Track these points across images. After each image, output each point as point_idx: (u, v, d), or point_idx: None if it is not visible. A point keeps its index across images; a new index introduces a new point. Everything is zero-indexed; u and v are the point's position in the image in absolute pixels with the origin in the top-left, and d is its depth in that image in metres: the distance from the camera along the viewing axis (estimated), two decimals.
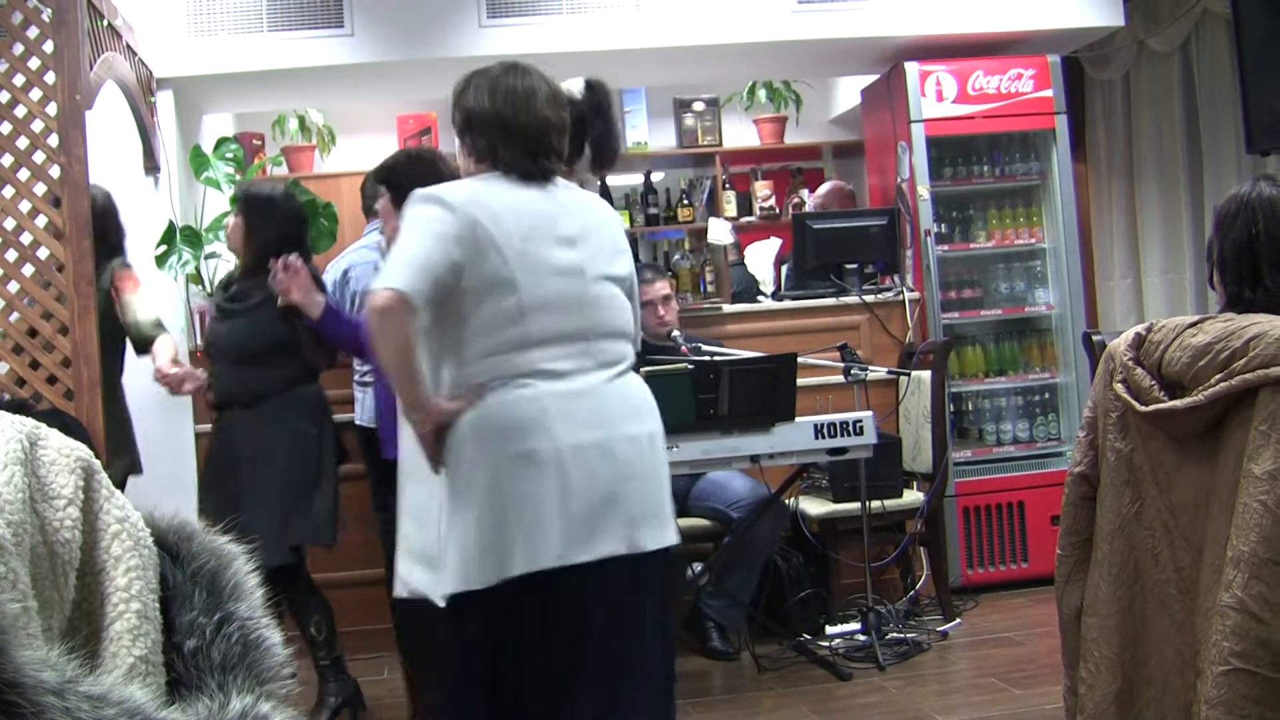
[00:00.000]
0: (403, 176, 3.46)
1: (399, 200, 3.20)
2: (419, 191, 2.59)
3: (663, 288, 4.96)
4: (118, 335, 4.09)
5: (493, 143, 2.64)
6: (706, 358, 4.47)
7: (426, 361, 2.58)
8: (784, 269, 6.49)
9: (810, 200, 6.89)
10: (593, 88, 2.88)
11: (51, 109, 3.74)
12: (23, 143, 3.75)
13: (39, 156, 3.75)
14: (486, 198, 2.56)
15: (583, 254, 2.62)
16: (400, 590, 2.65)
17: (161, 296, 4.78)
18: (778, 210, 7.58)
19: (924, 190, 5.59)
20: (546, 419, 2.48)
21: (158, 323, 4.09)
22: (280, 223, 4.08)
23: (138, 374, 4.67)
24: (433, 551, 2.54)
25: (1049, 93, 5.68)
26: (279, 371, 4.03)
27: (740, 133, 7.72)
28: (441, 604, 2.50)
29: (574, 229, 2.64)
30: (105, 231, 4.01)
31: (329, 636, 4.08)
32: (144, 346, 4.08)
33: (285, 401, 4.04)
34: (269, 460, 3.96)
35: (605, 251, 2.69)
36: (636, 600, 2.59)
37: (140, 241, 4.79)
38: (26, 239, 3.74)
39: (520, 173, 2.62)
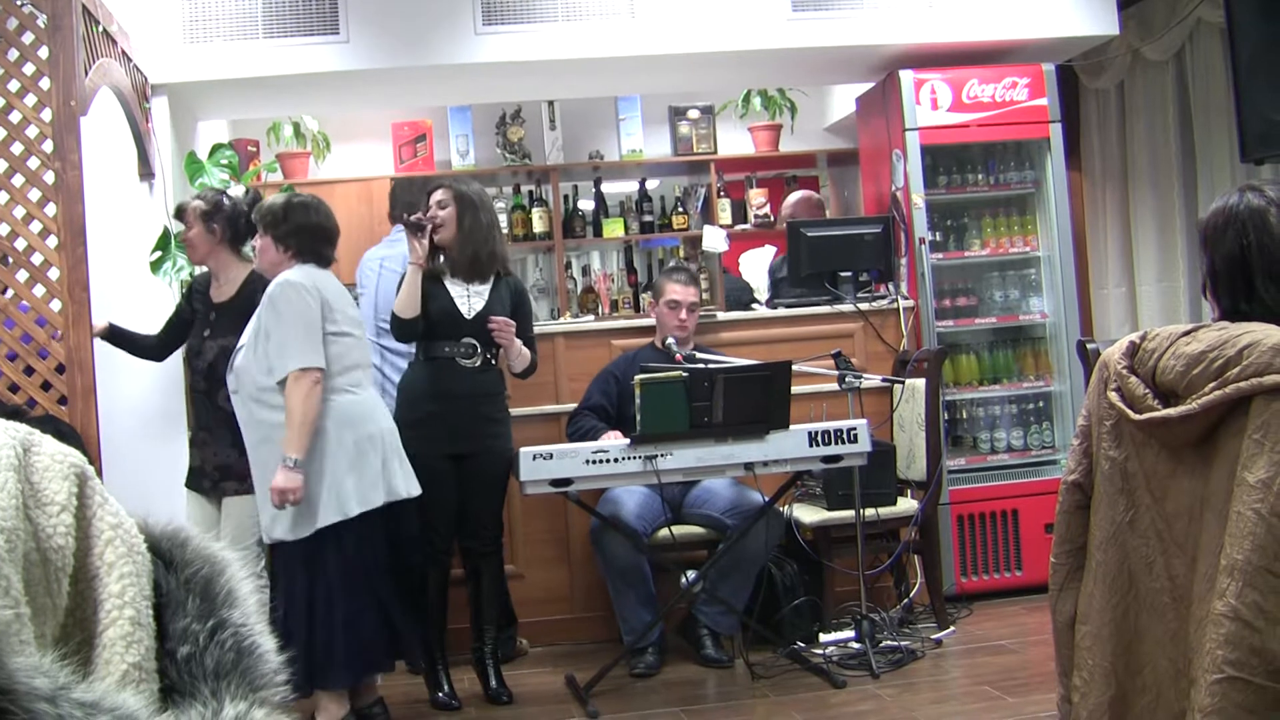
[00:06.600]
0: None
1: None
2: (289, 282, 3.91)
3: (693, 294, 5.01)
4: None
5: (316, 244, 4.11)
6: (701, 365, 4.47)
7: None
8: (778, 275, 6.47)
9: (783, 210, 6.88)
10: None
11: (46, 115, 3.74)
12: (17, 148, 3.75)
13: (34, 162, 3.75)
14: (321, 281, 4.00)
15: (357, 314, 4.17)
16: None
17: (155, 302, 4.78)
18: (772, 218, 7.58)
19: (918, 198, 5.59)
20: (376, 413, 4.08)
21: None
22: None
23: (137, 380, 4.66)
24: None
25: (1043, 101, 5.69)
26: None
27: (735, 141, 7.73)
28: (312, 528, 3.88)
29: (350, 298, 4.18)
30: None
31: None
32: None
33: None
34: None
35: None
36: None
37: (134, 247, 4.79)
38: (21, 244, 3.74)
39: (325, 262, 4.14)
